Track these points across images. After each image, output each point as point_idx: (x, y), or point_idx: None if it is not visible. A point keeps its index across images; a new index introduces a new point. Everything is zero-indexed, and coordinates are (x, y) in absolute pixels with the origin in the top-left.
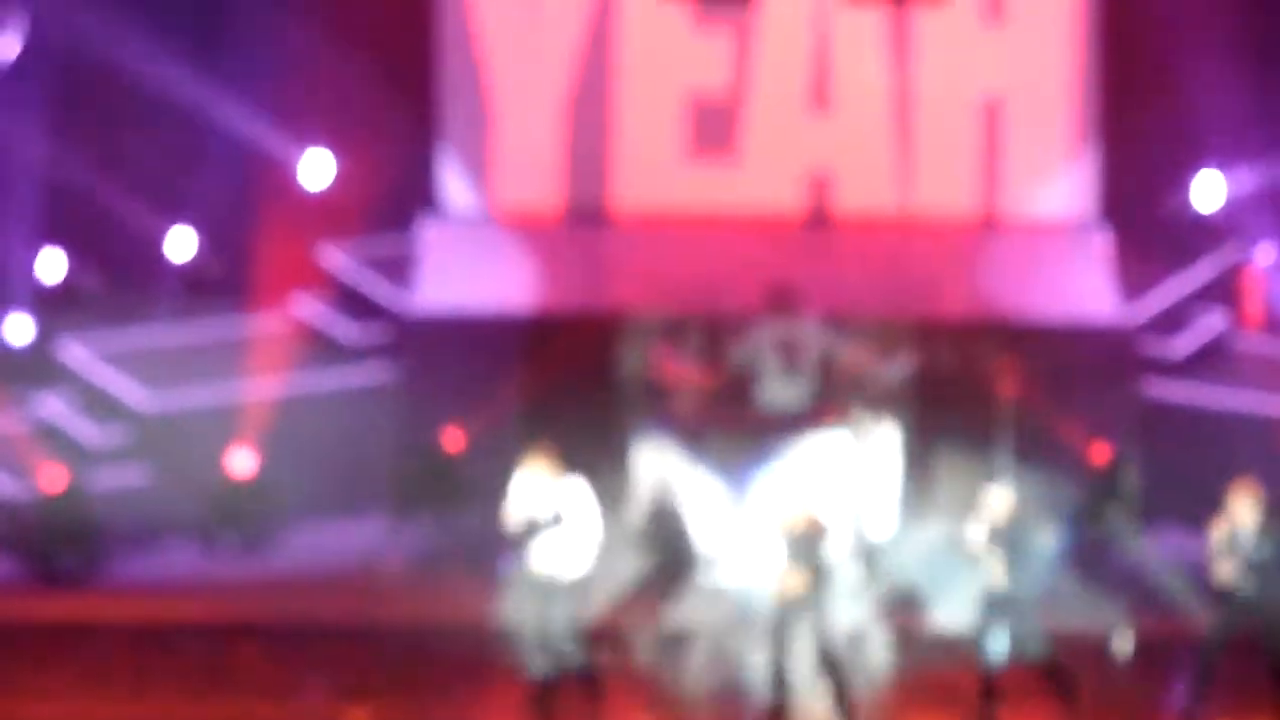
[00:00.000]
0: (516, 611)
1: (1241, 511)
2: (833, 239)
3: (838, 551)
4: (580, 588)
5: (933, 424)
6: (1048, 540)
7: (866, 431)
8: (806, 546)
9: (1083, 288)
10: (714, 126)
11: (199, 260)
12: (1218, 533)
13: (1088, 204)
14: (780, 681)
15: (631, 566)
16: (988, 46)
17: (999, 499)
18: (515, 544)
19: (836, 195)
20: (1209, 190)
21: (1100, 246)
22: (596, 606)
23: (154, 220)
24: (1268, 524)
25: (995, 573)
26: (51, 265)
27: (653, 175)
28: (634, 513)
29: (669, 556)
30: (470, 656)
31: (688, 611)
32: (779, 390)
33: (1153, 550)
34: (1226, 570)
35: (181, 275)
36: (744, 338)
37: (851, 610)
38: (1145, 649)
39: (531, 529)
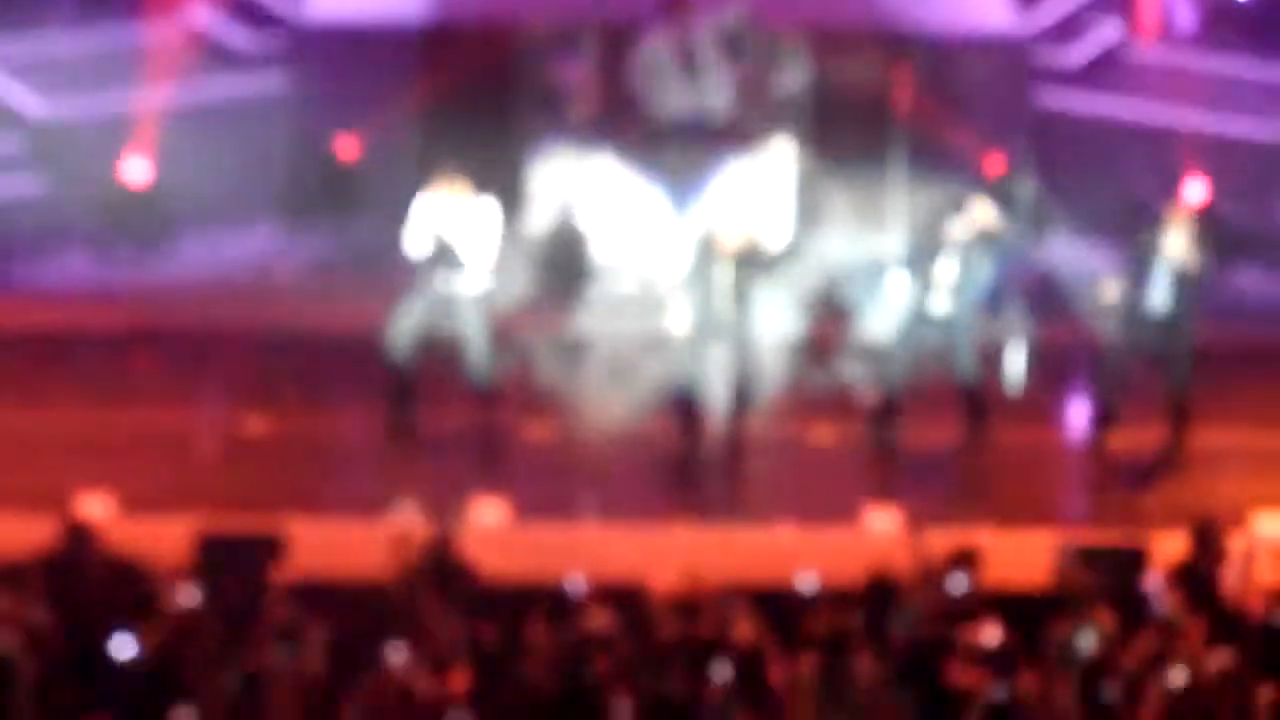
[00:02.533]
0: (407, 315)
1: (1172, 231)
2: None
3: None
4: (483, 301)
5: (827, 136)
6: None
7: (763, 143)
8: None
9: None
10: None
11: None
12: (1141, 249)
13: None
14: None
15: (529, 277)
16: None
17: (983, 211)
18: (418, 264)
19: None
20: None
21: None
22: (494, 317)
23: None
24: (1197, 245)
25: (940, 293)
26: None
27: None
28: (532, 223)
29: (568, 267)
30: (365, 363)
31: (588, 322)
32: (677, 96)
33: (1059, 258)
34: (1153, 289)
35: None
36: (639, 46)
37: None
38: (1045, 356)
39: (438, 251)
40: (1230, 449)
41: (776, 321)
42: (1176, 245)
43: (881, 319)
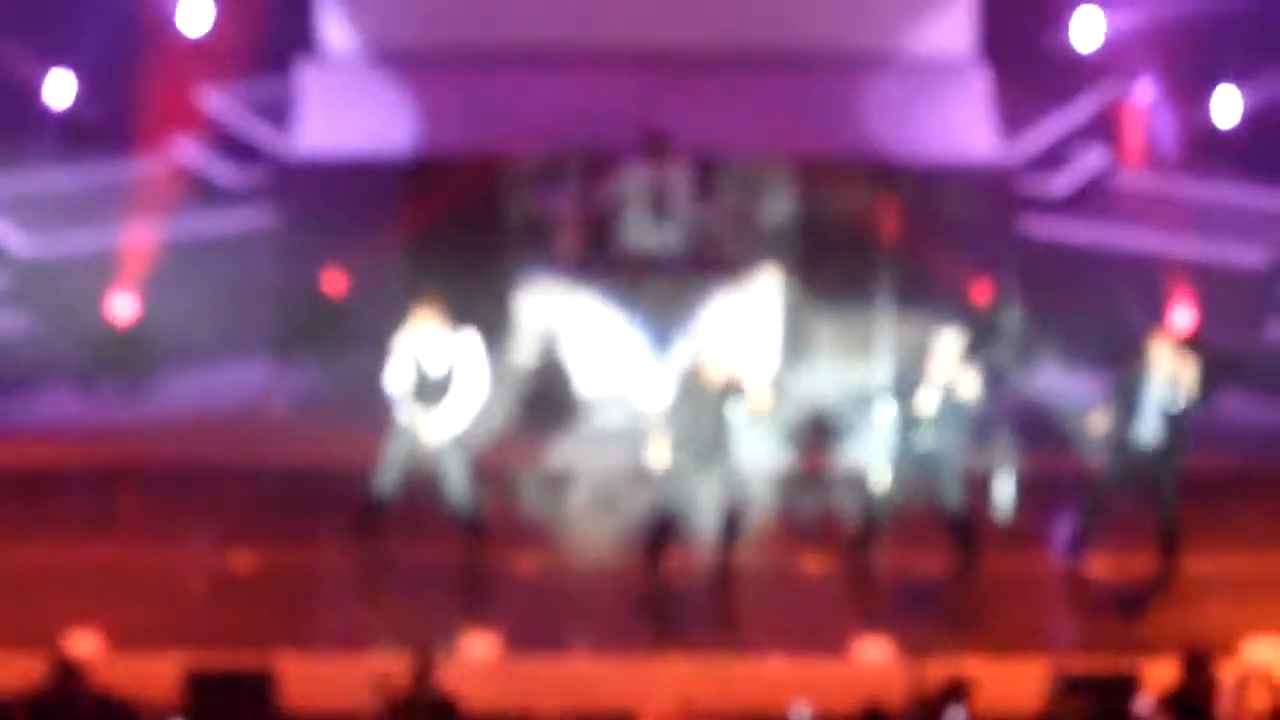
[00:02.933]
0: (392, 455)
1: (1159, 359)
2: (709, 76)
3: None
4: (465, 441)
5: (813, 265)
6: (973, 387)
7: (750, 275)
8: (718, 398)
9: (962, 126)
10: None
11: (78, 105)
12: (1129, 379)
13: (967, 41)
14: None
15: (515, 409)
16: None
17: (949, 345)
18: (401, 400)
19: (713, 32)
20: (1088, 27)
21: (980, 84)
22: (478, 448)
23: (31, 65)
24: (1181, 372)
25: (925, 431)
26: None
27: (535, 12)
28: (519, 354)
29: (552, 400)
30: (353, 500)
31: (572, 454)
32: (647, 234)
33: (1047, 387)
34: (1142, 419)
35: (60, 120)
36: (616, 179)
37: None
38: (1033, 485)
39: (420, 387)
40: (1219, 576)
41: (764, 452)
42: (1162, 375)
43: (868, 449)
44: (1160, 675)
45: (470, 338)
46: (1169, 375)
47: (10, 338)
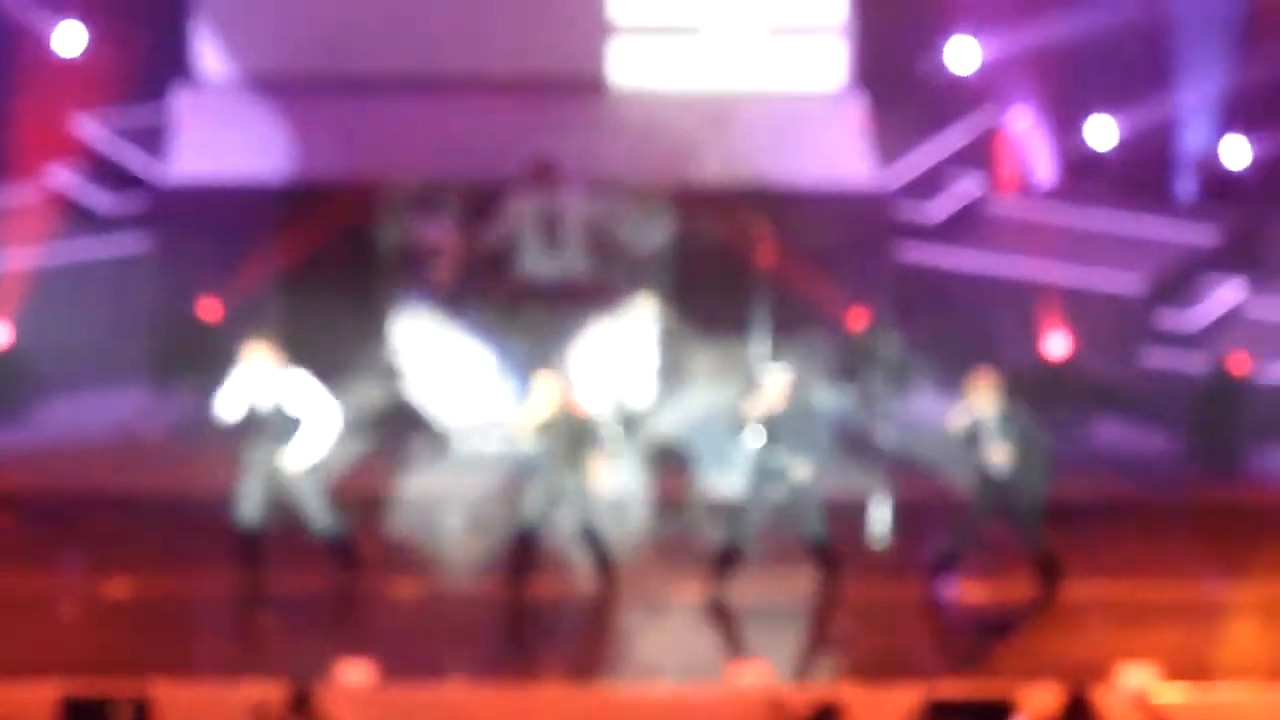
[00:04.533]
0: (246, 495)
1: (981, 400)
2: (591, 106)
3: (598, 429)
4: (316, 473)
5: (690, 291)
6: (825, 413)
7: (626, 302)
8: (566, 431)
9: (838, 153)
10: None
11: None
12: (958, 423)
13: (842, 69)
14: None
15: (384, 434)
16: None
17: (775, 382)
18: (231, 431)
19: (594, 61)
20: (963, 54)
21: (855, 111)
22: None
23: None
24: (1009, 409)
25: (783, 461)
26: None
27: (412, 41)
28: (391, 380)
29: (424, 425)
30: (230, 529)
31: (443, 480)
32: (540, 261)
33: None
34: (993, 452)
35: None
36: (502, 208)
37: (615, 478)
38: (904, 512)
39: (253, 422)
40: (1095, 601)
41: (631, 479)
42: (988, 407)
43: (731, 475)
44: (1036, 700)
45: (301, 375)
46: (991, 409)
47: None
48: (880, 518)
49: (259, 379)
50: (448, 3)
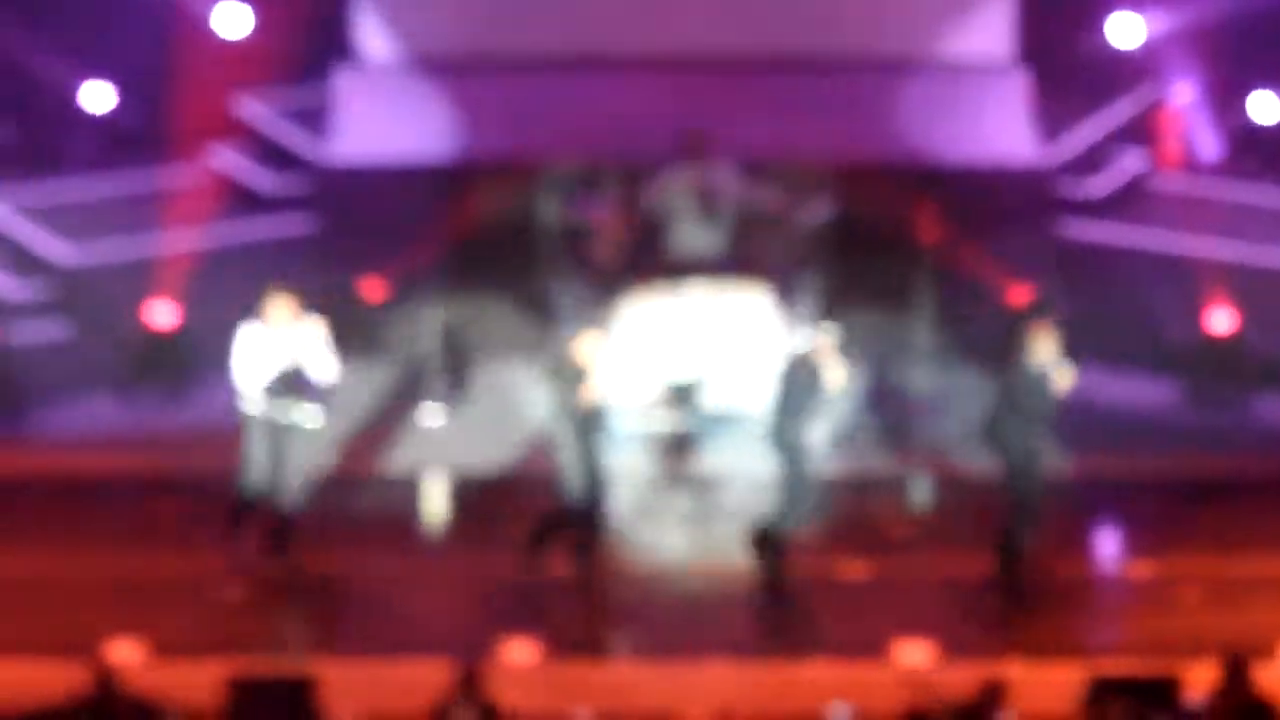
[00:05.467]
0: (250, 448)
1: (1042, 353)
2: (747, 82)
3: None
4: (317, 436)
5: (852, 268)
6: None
7: (787, 277)
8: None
9: (1001, 128)
10: None
11: (115, 112)
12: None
13: (1005, 44)
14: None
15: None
16: None
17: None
18: (248, 390)
19: (751, 37)
20: (1127, 29)
21: (1018, 86)
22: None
23: (68, 72)
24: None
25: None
26: None
27: (572, 19)
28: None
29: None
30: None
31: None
32: (694, 237)
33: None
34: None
35: (98, 127)
36: (658, 184)
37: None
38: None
39: (269, 377)
40: (1259, 579)
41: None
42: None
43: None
44: (1201, 677)
45: (316, 328)
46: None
47: (50, 346)
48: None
49: (277, 330)
50: None
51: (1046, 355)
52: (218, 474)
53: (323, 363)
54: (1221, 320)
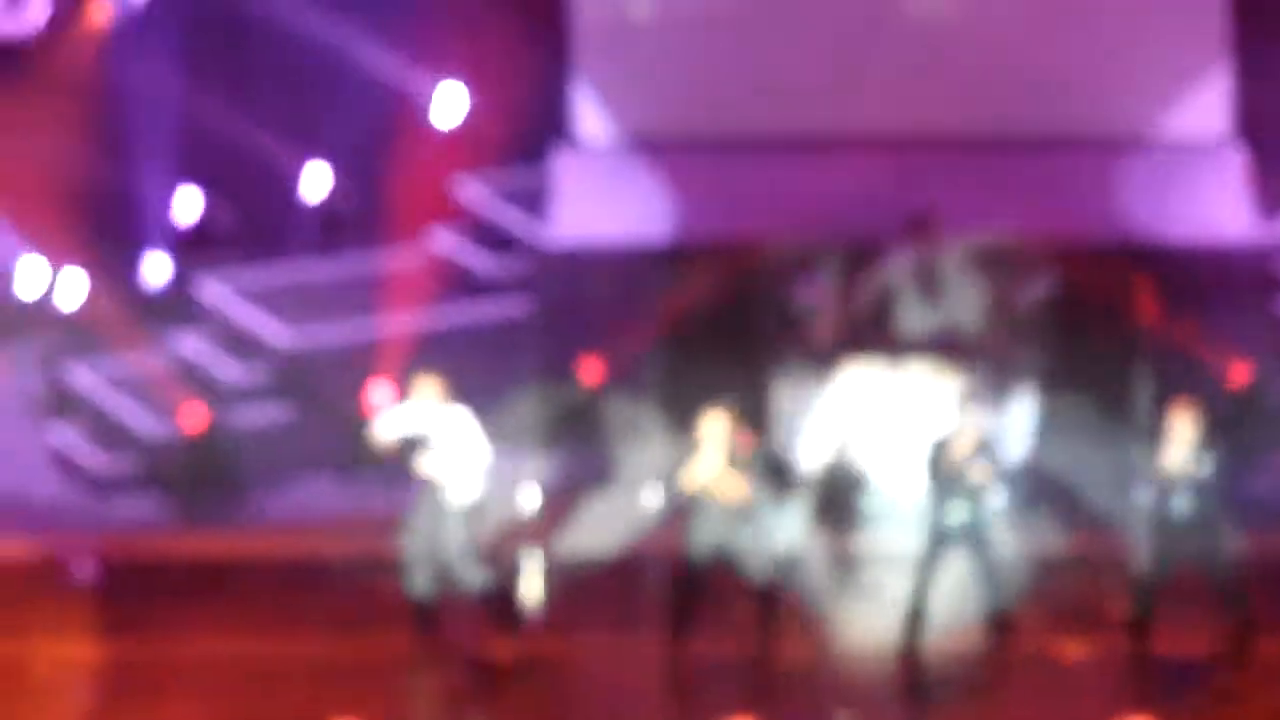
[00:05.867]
0: (410, 532)
1: (1183, 431)
2: (965, 161)
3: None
4: (475, 512)
5: (1069, 346)
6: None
7: (1007, 357)
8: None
9: (1218, 206)
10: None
11: (334, 196)
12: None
13: (1223, 120)
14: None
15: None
16: None
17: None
18: (386, 460)
19: (968, 116)
20: None
21: (1235, 164)
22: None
23: (288, 157)
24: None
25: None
26: (188, 205)
27: (790, 100)
28: (774, 441)
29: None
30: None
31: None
32: (916, 317)
33: None
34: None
35: (317, 211)
36: (881, 264)
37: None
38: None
39: (408, 448)
40: None
41: (1019, 532)
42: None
43: (1133, 529)
44: None
45: (462, 411)
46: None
47: (271, 429)
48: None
49: (424, 412)
50: (826, 61)
51: (1186, 439)
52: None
53: (472, 445)
54: None
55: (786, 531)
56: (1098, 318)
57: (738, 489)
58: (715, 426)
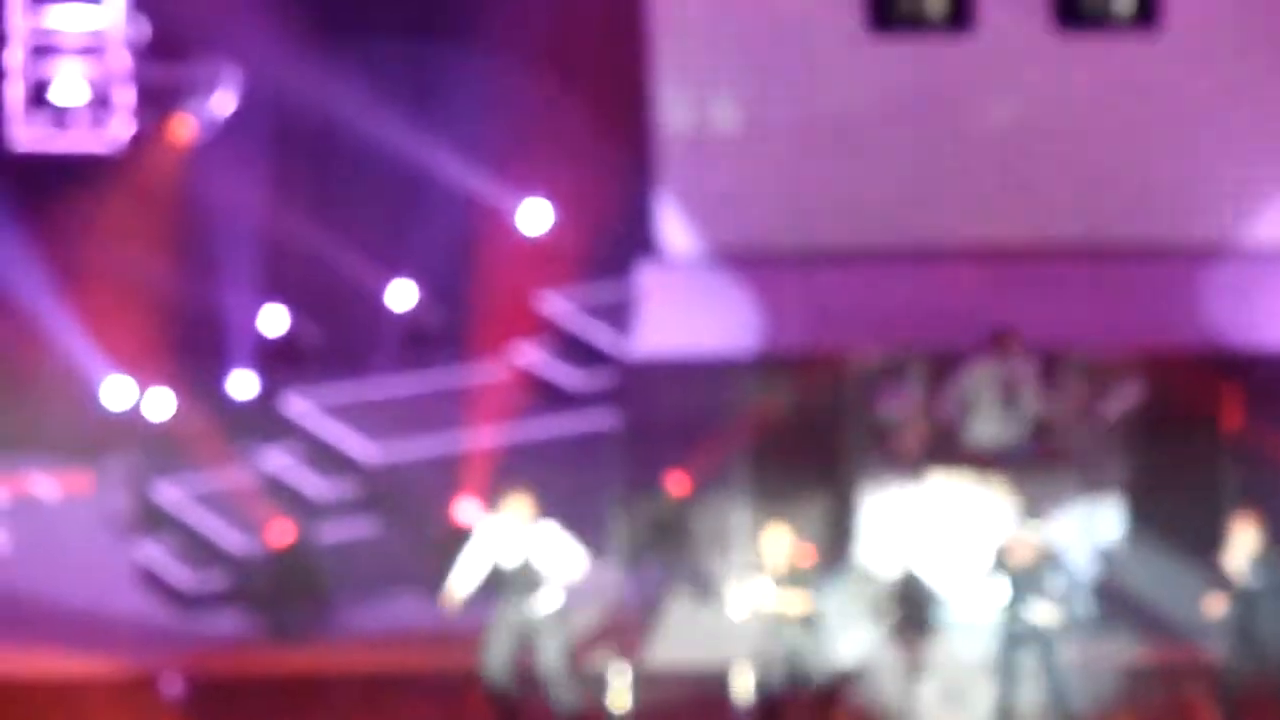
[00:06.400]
0: (493, 648)
1: (1245, 542)
2: (1048, 271)
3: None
4: (559, 623)
5: (1157, 456)
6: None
7: (1091, 469)
8: (1033, 577)
9: None
10: (932, 161)
11: (419, 310)
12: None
13: None
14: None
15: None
16: (1197, 71)
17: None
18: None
19: (1050, 225)
20: None
21: None
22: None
23: (373, 272)
24: (1267, 554)
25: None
26: (273, 320)
27: (870, 212)
28: (873, 565)
29: (916, 611)
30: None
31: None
32: (995, 428)
33: None
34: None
35: (402, 326)
36: (963, 376)
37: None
38: None
39: (506, 576)
40: None
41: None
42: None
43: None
44: None
45: (551, 529)
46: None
47: (358, 544)
48: None
49: (512, 533)
50: (909, 172)
51: (1245, 551)
52: (528, 668)
53: (564, 559)
54: None
55: (854, 640)
56: (1184, 427)
57: (799, 603)
58: (775, 541)
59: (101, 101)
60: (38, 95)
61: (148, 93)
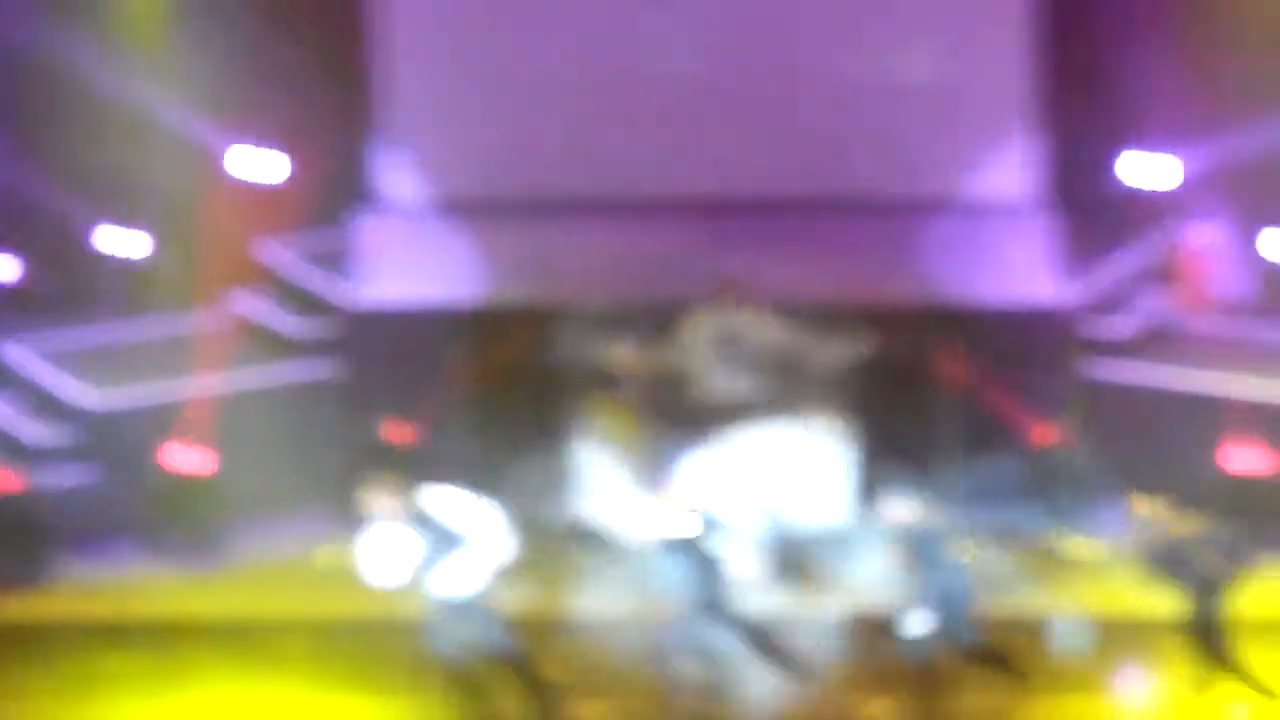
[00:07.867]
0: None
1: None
2: (771, 224)
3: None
4: (483, 597)
5: (876, 409)
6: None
7: (809, 421)
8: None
9: (1026, 269)
10: (655, 114)
11: (140, 258)
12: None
13: (1029, 185)
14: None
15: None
16: (929, 29)
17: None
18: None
19: (774, 179)
20: (1151, 171)
21: (1043, 227)
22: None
23: (94, 219)
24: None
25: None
26: None
27: (592, 163)
28: (577, 504)
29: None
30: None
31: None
32: (720, 381)
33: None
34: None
35: (123, 273)
36: (684, 327)
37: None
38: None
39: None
40: None
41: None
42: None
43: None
44: None
45: (452, 494)
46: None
47: (75, 491)
48: (1069, 632)
49: (393, 519)
50: (628, 125)
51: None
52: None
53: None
54: (1246, 459)
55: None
56: (905, 379)
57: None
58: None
59: None
60: None
61: None
